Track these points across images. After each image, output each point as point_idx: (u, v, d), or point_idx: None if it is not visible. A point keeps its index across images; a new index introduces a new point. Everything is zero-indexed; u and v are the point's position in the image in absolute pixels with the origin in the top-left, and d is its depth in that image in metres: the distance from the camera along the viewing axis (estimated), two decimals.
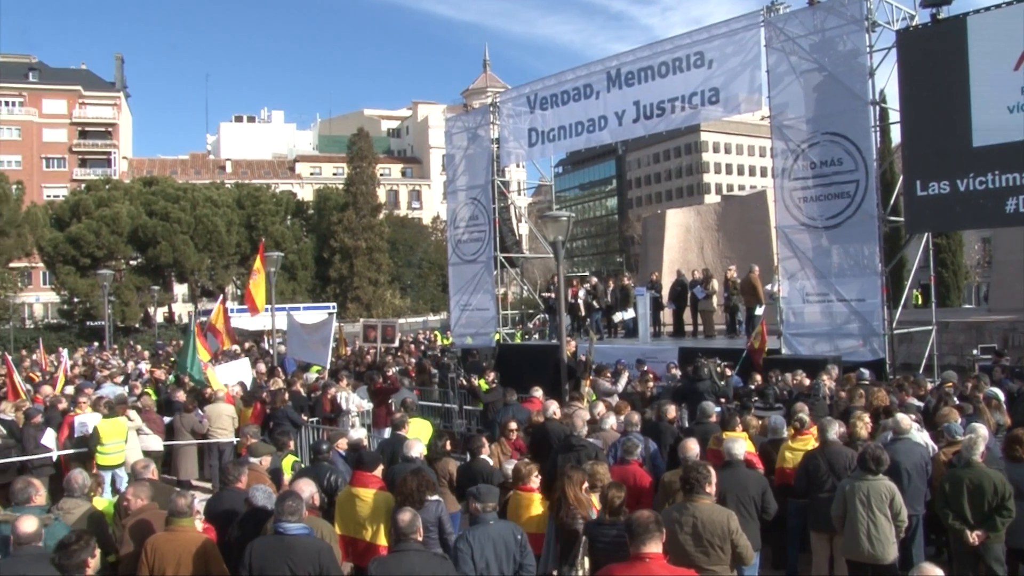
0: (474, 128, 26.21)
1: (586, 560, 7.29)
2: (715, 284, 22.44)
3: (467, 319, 26.36)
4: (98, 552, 6.14)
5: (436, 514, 7.94)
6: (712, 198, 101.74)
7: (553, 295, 23.81)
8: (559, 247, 14.69)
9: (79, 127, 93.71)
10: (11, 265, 60.74)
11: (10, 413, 15.36)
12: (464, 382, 19.45)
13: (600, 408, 12.18)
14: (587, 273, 61.05)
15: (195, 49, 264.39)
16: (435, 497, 8.13)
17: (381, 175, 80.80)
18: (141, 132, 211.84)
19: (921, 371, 17.20)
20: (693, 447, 8.71)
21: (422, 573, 6.18)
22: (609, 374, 16.94)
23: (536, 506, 8.28)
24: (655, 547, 5.57)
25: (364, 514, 8.23)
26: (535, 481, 8.38)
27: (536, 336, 31.10)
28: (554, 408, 11.65)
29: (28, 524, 6.44)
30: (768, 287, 20.92)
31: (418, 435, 11.11)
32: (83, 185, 71.39)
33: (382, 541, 8.05)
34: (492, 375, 18.21)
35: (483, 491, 7.37)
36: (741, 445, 8.71)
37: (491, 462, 9.95)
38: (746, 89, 18.95)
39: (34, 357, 31.45)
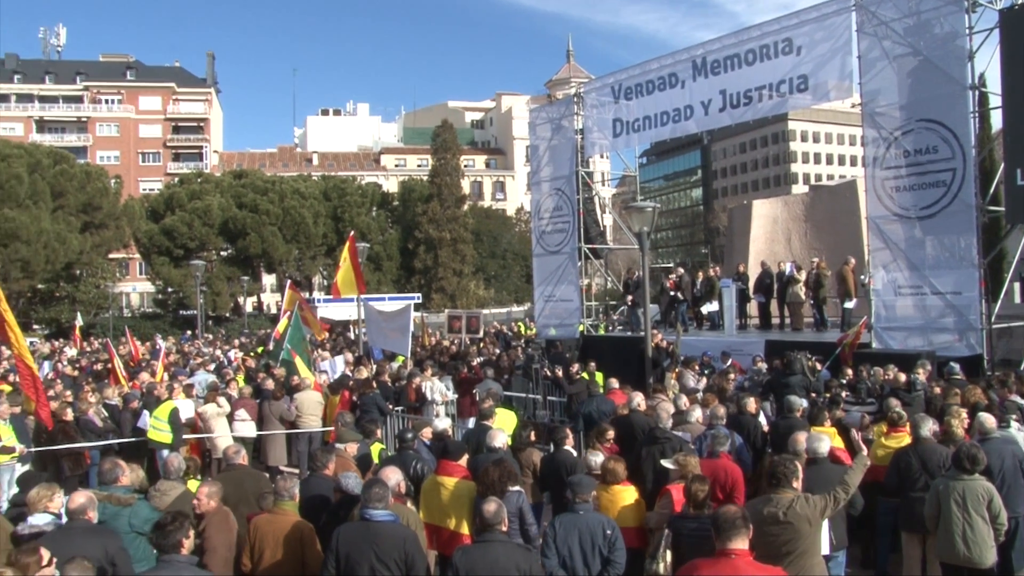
0: (558, 119, 26.11)
1: (668, 553, 7.20)
2: (803, 275, 21.99)
3: (551, 310, 26.31)
4: (192, 532, 6.30)
5: (517, 505, 7.93)
6: (800, 188, 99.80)
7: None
8: (644, 238, 14.56)
9: (173, 122, 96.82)
10: (110, 256, 62.91)
11: (115, 398, 15.96)
12: (548, 372, 19.42)
13: (684, 400, 12.03)
14: (671, 264, 60.42)
15: (283, 45, 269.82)
16: (516, 488, 8.12)
17: (465, 166, 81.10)
18: (231, 126, 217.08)
19: (1022, 367, 16.54)
20: (802, 440, 8.47)
21: (506, 564, 6.18)
22: (697, 367, 16.72)
23: (628, 499, 8.16)
24: (741, 543, 5.47)
25: (448, 502, 8.30)
26: (623, 475, 8.26)
27: (620, 328, 30.90)
28: (639, 400, 11.54)
29: (78, 498, 6.82)
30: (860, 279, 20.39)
31: (502, 425, 11.13)
32: (176, 178, 73.55)
33: (465, 530, 8.09)
34: (577, 366, 18.13)
35: (579, 482, 7.42)
36: (826, 442, 8.46)
37: (575, 453, 9.90)
38: (836, 76, 18.45)
39: (125, 345, 32.42)
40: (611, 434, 10.19)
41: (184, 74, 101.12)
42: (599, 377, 16.37)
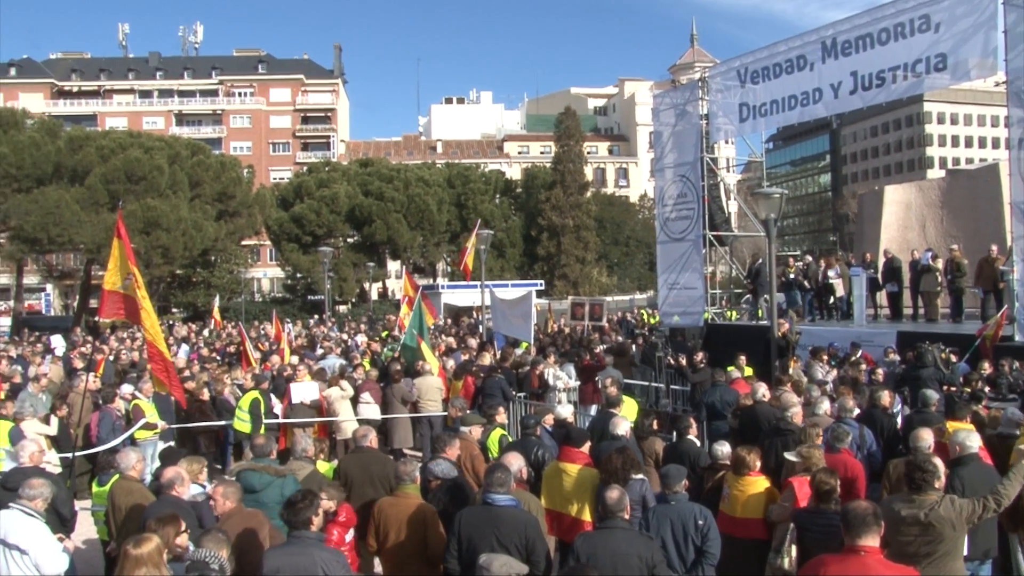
0: (682, 104, 25.72)
1: (793, 548, 7.05)
2: (940, 263, 21.09)
3: (674, 298, 25.98)
4: (321, 511, 6.51)
5: (640, 493, 7.93)
6: (935, 172, 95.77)
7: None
8: (771, 225, 14.27)
9: (302, 113, 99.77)
10: (243, 243, 65.27)
11: (244, 379, 16.60)
12: (671, 361, 19.23)
13: (815, 392, 11.75)
14: (798, 252, 59.03)
15: (407, 35, 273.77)
16: (640, 476, 8.10)
17: (588, 153, 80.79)
18: (358, 116, 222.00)
19: None
20: (927, 437, 8.11)
21: (628, 552, 6.16)
22: (825, 358, 16.29)
23: (758, 489, 8.01)
24: (872, 540, 5.28)
25: (570, 489, 8.32)
26: (757, 466, 8.11)
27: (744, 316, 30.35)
28: (764, 390, 11.33)
29: (167, 472, 7.45)
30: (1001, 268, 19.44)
31: (624, 414, 11.07)
32: (305, 168, 75.92)
33: (587, 517, 8.10)
34: (701, 355, 17.92)
35: (669, 472, 7.44)
36: (975, 438, 8.02)
37: (698, 443, 9.80)
38: (978, 53, 17.50)
39: (264, 328, 33.63)
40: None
41: (312, 66, 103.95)
42: (748, 371, 15.93)
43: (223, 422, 15.22)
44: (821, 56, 20.93)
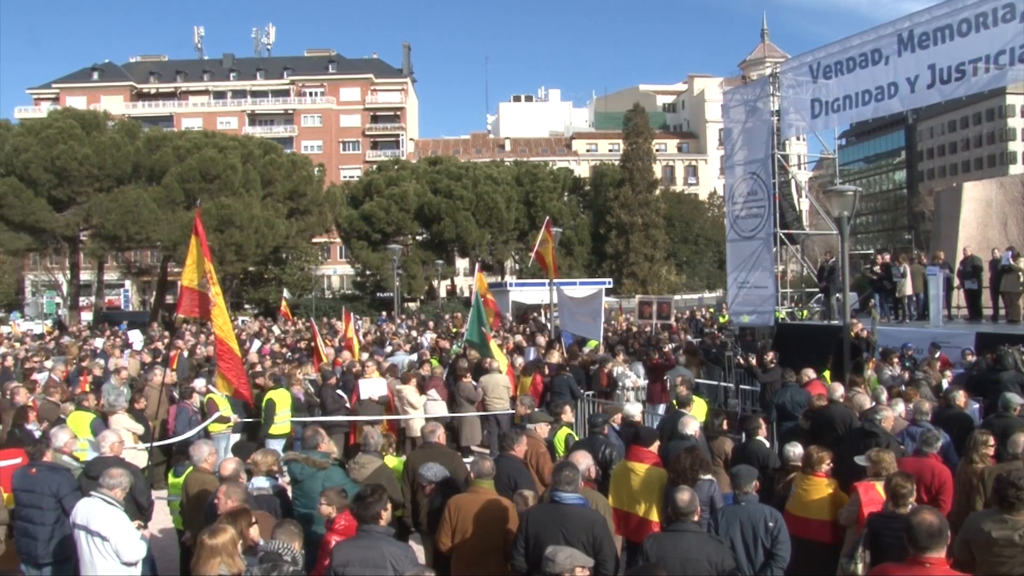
0: (752, 100, 25.35)
1: (867, 554, 6.89)
2: (1022, 263, 20.44)
3: (744, 297, 25.63)
4: (390, 506, 6.61)
5: (708, 493, 7.87)
6: (1018, 168, 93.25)
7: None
8: (844, 223, 14.00)
9: (371, 112, 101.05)
10: (313, 240, 66.25)
11: (314, 375, 16.90)
12: (741, 360, 19.00)
13: (885, 394, 11.50)
14: (871, 251, 57.67)
15: (475, 34, 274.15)
16: (708, 476, 8.02)
17: (657, 151, 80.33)
18: (426, 115, 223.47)
19: None
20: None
21: (698, 555, 6.11)
22: (896, 360, 15.93)
23: (823, 491, 7.87)
24: (938, 552, 5.07)
25: (638, 489, 8.28)
26: (826, 467, 7.96)
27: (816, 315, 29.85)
28: (840, 391, 11.12)
29: (227, 465, 7.74)
30: None
31: (694, 413, 10.96)
32: (375, 166, 76.71)
33: (654, 517, 8.04)
34: (771, 355, 17.66)
35: (740, 472, 7.38)
36: None
37: (767, 444, 9.65)
38: None
39: (334, 324, 34.09)
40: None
41: (382, 65, 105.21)
42: (827, 375, 15.58)
43: (296, 419, 15.43)
44: (897, 49, 20.45)
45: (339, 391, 15.70)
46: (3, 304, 72.80)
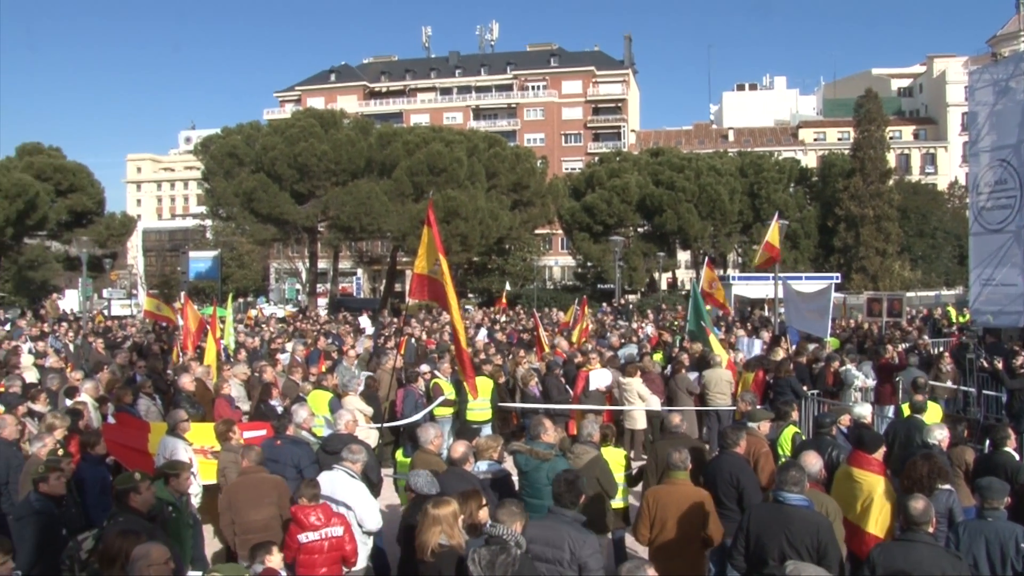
0: (1004, 80, 23.49)
1: None
2: None
3: (988, 295, 23.87)
4: (582, 496, 6.88)
5: (947, 504, 7.42)
6: None
7: None
8: None
9: (592, 104, 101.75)
10: (535, 232, 67.55)
11: (538, 364, 17.29)
12: (985, 364, 17.72)
13: None
14: None
15: (698, 22, 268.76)
16: (947, 486, 7.52)
17: (891, 138, 76.21)
18: (648, 106, 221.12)
19: None
20: None
21: (930, 567, 5.74)
22: None
23: None
24: None
25: (856, 496, 7.80)
26: None
27: None
28: None
29: (457, 447, 8.24)
30: None
31: (927, 419, 10.33)
32: (596, 158, 77.31)
33: (870, 528, 7.53)
34: (1021, 359, 16.36)
35: (989, 485, 6.90)
36: None
37: (1016, 456, 8.93)
38: None
39: (554, 315, 34.62)
40: None
41: (603, 57, 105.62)
42: None
43: (520, 404, 15.78)
44: None
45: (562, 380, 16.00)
46: (252, 290, 79.00)
